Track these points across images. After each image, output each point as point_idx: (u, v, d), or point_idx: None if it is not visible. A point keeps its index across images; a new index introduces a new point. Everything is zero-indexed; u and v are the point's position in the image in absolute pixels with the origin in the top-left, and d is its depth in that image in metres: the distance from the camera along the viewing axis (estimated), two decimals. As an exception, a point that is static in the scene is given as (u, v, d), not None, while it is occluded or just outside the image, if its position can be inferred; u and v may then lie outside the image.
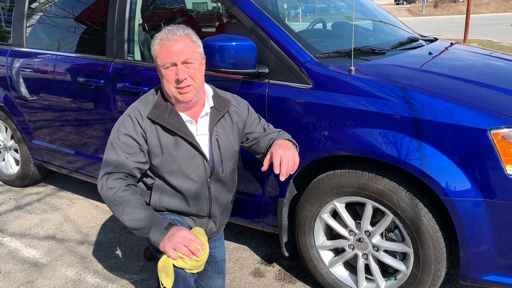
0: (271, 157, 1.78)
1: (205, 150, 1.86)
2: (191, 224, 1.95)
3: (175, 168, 1.82)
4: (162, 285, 1.63)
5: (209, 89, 1.90)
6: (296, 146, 1.95)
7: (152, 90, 1.88)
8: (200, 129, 1.86)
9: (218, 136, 1.87)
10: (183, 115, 1.82)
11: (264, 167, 1.77)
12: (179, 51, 1.71)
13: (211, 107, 1.87)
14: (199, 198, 1.89)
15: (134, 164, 1.76)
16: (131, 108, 1.82)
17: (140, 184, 1.93)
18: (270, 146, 1.93)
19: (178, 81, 1.72)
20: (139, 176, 1.83)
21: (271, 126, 2.05)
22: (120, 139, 1.77)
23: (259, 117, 2.03)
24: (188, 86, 1.73)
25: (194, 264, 1.64)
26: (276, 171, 1.72)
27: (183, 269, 1.63)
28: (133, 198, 1.72)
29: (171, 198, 1.88)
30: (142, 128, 1.77)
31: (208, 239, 2.09)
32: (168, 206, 1.89)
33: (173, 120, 1.78)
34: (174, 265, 1.61)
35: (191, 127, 1.83)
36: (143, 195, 1.92)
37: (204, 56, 1.86)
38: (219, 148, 1.87)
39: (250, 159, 2.31)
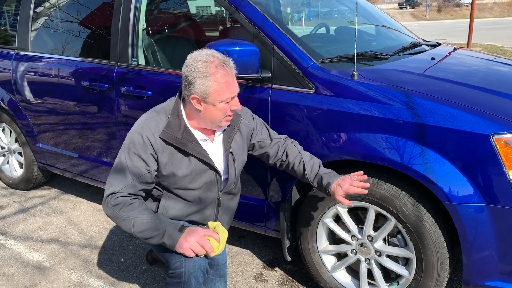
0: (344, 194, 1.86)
1: (219, 165, 1.88)
2: None
3: (186, 183, 1.82)
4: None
5: None
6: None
7: (164, 107, 1.83)
8: (215, 145, 1.87)
9: (232, 150, 1.90)
10: (198, 134, 1.81)
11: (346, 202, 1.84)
12: (235, 84, 1.74)
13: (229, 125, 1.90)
14: (207, 208, 1.92)
15: (140, 186, 1.77)
16: (143, 126, 1.77)
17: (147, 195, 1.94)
18: (286, 155, 2.00)
19: (233, 112, 1.80)
20: (144, 195, 1.84)
21: (275, 132, 2.08)
22: (128, 158, 1.75)
23: (262, 122, 2.06)
24: None
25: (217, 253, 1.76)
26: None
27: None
28: (140, 209, 1.71)
29: (178, 207, 1.89)
30: (153, 148, 1.75)
31: None
32: (174, 215, 1.90)
33: (185, 140, 1.76)
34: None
35: (206, 145, 1.83)
36: (150, 205, 1.92)
37: None
38: (234, 161, 1.90)
39: (252, 164, 2.32)
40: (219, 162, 1.88)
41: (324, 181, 1.89)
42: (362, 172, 1.86)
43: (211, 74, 1.67)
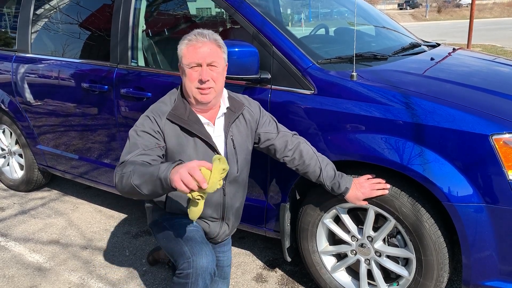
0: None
1: (221, 150, 1.90)
2: (205, 227, 1.97)
3: None
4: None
5: (224, 91, 1.95)
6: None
7: (169, 94, 1.91)
8: (217, 130, 1.90)
9: (233, 136, 1.92)
10: (201, 117, 1.86)
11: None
12: (205, 53, 1.76)
13: (227, 108, 1.92)
14: (213, 200, 1.93)
15: (151, 155, 1.72)
16: (150, 110, 1.85)
17: None
18: (300, 154, 1.98)
19: (201, 82, 1.77)
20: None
21: (284, 127, 2.07)
22: (137, 135, 1.76)
23: (271, 116, 2.07)
24: (210, 88, 1.78)
25: (211, 186, 1.48)
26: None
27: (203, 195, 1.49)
28: (142, 163, 1.64)
29: (185, 197, 1.89)
30: (160, 128, 1.80)
31: (218, 243, 2.11)
32: (183, 208, 1.91)
33: (191, 122, 1.82)
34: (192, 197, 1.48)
35: (209, 129, 1.87)
36: (158, 198, 1.93)
37: (227, 63, 1.90)
38: (234, 148, 1.91)
39: (252, 164, 2.32)
40: (220, 147, 1.90)
41: (341, 186, 1.95)
42: (370, 176, 1.97)
43: (185, 38, 1.80)
